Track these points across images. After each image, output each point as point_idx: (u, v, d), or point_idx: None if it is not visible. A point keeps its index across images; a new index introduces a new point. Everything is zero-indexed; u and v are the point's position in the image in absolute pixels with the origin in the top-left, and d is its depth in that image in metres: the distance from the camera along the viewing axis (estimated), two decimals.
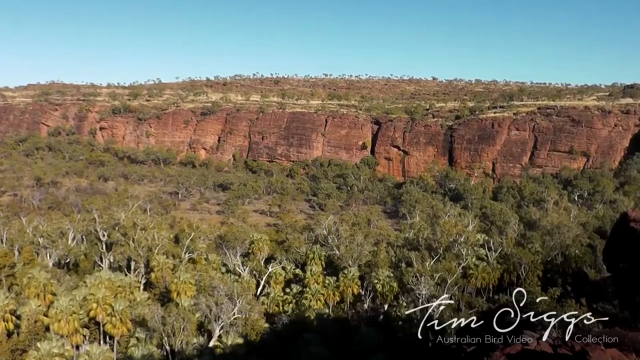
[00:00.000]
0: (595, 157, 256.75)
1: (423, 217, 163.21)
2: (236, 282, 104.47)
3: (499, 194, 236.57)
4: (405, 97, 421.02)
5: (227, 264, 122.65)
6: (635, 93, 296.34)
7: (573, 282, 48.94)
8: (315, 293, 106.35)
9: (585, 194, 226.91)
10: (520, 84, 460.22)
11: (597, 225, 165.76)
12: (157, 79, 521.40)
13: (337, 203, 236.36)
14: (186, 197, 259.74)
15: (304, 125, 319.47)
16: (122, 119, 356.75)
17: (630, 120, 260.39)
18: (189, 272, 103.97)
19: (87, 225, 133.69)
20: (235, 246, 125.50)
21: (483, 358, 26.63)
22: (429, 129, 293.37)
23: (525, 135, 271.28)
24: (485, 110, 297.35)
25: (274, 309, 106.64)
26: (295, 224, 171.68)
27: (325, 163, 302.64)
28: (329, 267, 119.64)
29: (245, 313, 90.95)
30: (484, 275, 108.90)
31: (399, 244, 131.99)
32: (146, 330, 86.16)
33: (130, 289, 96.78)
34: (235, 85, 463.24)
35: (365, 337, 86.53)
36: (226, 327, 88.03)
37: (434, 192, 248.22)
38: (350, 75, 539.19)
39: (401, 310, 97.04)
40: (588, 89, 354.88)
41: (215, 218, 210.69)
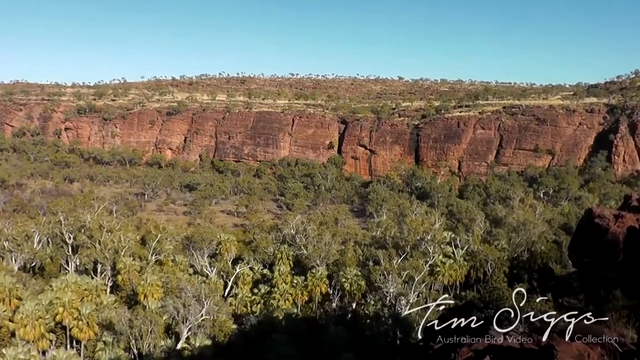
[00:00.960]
0: (560, 155, 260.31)
1: (390, 215, 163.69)
2: (204, 284, 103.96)
3: (465, 192, 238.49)
4: (371, 97, 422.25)
5: (195, 265, 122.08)
6: (599, 92, 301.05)
7: (539, 278, 49.80)
8: (283, 293, 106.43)
9: (551, 191, 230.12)
10: (486, 84, 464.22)
11: (562, 222, 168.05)
12: (122, 78, 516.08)
13: (304, 202, 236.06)
14: (152, 198, 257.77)
15: (270, 125, 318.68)
16: (88, 119, 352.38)
17: (594, 119, 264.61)
18: (156, 274, 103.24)
19: (52, 227, 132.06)
20: (203, 247, 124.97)
21: (450, 355, 26.87)
22: (396, 128, 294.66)
23: (491, 134, 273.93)
24: (451, 110, 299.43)
25: (242, 310, 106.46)
26: (262, 224, 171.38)
27: (292, 162, 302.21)
28: (297, 266, 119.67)
29: (213, 314, 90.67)
30: (451, 272, 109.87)
31: (366, 242, 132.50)
32: (113, 334, 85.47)
33: (96, 292, 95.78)
34: (201, 85, 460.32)
35: (334, 336, 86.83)
36: (194, 329, 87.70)
37: (401, 190, 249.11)
38: (317, 75, 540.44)
39: (369, 309, 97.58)
40: (553, 89, 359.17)
41: (182, 219, 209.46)
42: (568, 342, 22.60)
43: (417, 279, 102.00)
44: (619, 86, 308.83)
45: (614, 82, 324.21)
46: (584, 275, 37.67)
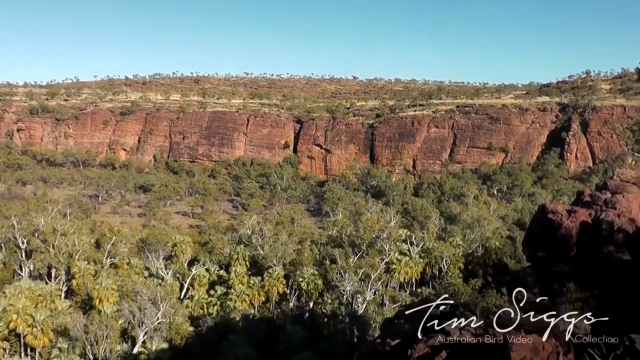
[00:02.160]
0: (513, 152, 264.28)
1: (346, 214, 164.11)
2: (159, 286, 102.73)
3: (420, 190, 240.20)
4: (326, 96, 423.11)
5: (150, 267, 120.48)
6: (552, 92, 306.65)
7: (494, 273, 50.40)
8: (240, 294, 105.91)
9: (505, 188, 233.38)
10: (439, 83, 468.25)
11: (516, 218, 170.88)
12: (75, 77, 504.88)
13: (260, 202, 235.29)
14: (106, 200, 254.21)
15: (225, 125, 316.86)
16: (40, 120, 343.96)
17: (547, 117, 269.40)
18: (111, 278, 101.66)
19: (5, 232, 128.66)
20: (158, 249, 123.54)
21: (407, 351, 26.93)
22: (350, 127, 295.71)
23: (445, 133, 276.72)
24: (405, 109, 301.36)
25: (198, 312, 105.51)
26: (218, 224, 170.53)
27: (247, 162, 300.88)
28: (253, 267, 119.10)
29: (169, 317, 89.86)
30: (407, 269, 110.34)
31: (322, 241, 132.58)
32: (68, 340, 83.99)
33: (51, 297, 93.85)
34: (155, 84, 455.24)
35: (291, 335, 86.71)
36: (150, 333, 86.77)
37: (356, 189, 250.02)
38: (272, 74, 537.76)
39: (326, 307, 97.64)
40: (505, 88, 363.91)
41: (136, 221, 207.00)
42: (523, 335, 22.82)
43: (373, 276, 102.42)
44: (571, 85, 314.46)
45: (565, 81, 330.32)
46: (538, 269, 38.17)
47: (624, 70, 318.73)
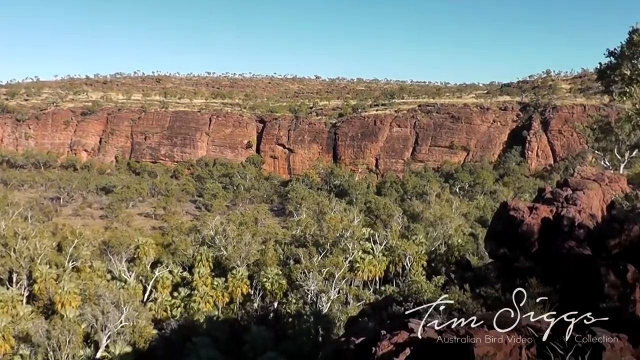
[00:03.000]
0: (475, 151, 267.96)
1: (309, 213, 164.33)
2: (122, 289, 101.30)
3: (383, 189, 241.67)
4: (289, 96, 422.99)
5: (113, 270, 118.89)
6: (512, 91, 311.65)
7: (456, 270, 50.76)
8: (204, 295, 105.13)
9: (467, 186, 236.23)
10: (401, 83, 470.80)
11: (478, 215, 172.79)
12: (35, 76, 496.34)
13: (223, 203, 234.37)
14: (68, 202, 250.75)
15: (187, 125, 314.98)
16: (0, 121, 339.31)
17: (508, 116, 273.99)
18: (73, 282, 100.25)
19: None
20: (120, 252, 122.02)
21: (371, 349, 26.90)
22: (313, 127, 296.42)
23: (407, 132, 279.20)
24: (367, 108, 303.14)
25: (162, 314, 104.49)
26: (181, 225, 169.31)
27: (210, 163, 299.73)
28: (217, 268, 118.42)
29: (133, 320, 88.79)
30: (371, 267, 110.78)
31: (286, 241, 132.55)
32: (30, 346, 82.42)
33: (12, 303, 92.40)
34: (116, 84, 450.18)
35: (256, 336, 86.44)
36: (113, 337, 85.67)
37: (320, 188, 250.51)
38: (234, 74, 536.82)
39: (291, 307, 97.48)
40: (467, 88, 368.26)
41: (98, 223, 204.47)
42: (486, 331, 22.92)
43: (337, 275, 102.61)
44: (532, 85, 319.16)
45: (526, 81, 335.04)
46: (500, 265, 38.42)
47: (583, 70, 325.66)
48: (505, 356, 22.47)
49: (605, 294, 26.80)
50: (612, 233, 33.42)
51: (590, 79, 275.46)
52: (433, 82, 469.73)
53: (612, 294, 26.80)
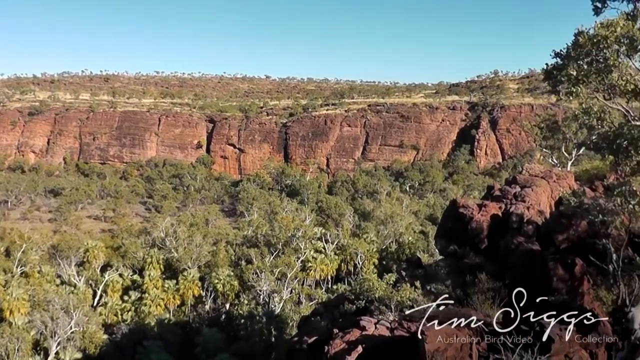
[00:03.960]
0: (424, 150, 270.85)
1: (261, 214, 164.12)
2: (72, 294, 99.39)
3: (334, 188, 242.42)
4: (239, 95, 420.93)
5: (62, 275, 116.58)
6: (461, 91, 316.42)
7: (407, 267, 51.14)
8: (154, 298, 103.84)
9: (416, 185, 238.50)
10: (351, 83, 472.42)
11: (428, 213, 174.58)
12: None
13: (173, 204, 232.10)
14: (16, 205, 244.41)
15: (136, 125, 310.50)
16: None
17: (456, 116, 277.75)
18: (21, 288, 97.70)
19: None
20: (70, 255, 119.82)
21: (324, 347, 26.88)
22: (264, 126, 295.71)
23: (357, 131, 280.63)
24: (318, 108, 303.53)
25: (112, 319, 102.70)
26: (131, 228, 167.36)
27: (160, 163, 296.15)
28: (168, 270, 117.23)
29: (83, 326, 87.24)
30: (323, 267, 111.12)
31: (238, 242, 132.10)
32: None
33: None
34: (64, 83, 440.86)
35: (208, 338, 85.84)
36: (63, 343, 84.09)
37: (271, 188, 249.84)
38: (183, 73, 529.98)
39: (243, 308, 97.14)
40: (416, 87, 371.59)
41: (47, 226, 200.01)
42: (437, 327, 23.02)
43: (289, 275, 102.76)
44: (480, 85, 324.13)
45: (474, 81, 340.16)
46: (451, 262, 38.83)
47: (531, 70, 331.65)
48: (456, 351, 22.60)
49: (554, 288, 27.18)
50: (560, 228, 33.95)
51: (537, 79, 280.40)
52: (382, 82, 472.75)
53: (561, 287, 27.19)
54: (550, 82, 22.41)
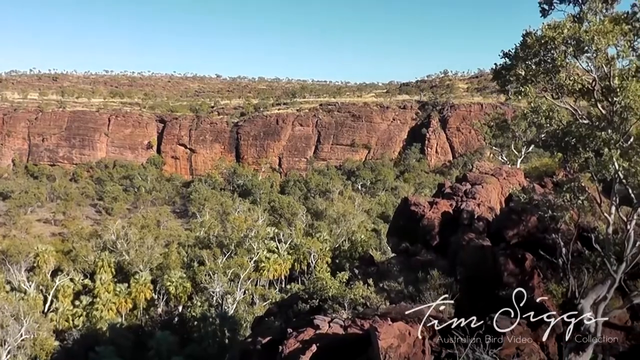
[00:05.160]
0: (376, 148, 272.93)
1: (213, 214, 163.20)
2: (22, 300, 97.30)
3: (286, 187, 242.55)
4: (189, 95, 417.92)
5: (12, 281, 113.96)
6: (411, 90, 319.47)
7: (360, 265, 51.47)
8: (106, 302, 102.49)
9: (368, 183, 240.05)
10: (302, 82, 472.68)
11: (380, 211, 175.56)
12: None
13: (124, 206, 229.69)
14: None
15: (86, 125, 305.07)
16: None
17: (407, 115, 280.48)
18: None
19: None
20: (19, 261, 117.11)
21: (278, 347, 26.89)
22: (215, 126, 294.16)
23: (309, 131, 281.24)
24: (269, 107, 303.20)
25: (63, 325, 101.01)
26: (81, 231, 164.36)
27: (110, 164, 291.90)
28: (119, 273, 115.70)
29: (33, 333, 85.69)
30: (276, 266, 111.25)
31: (190, 243, 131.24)
32: None
33: None
34: (12, 82, 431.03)
35: (160, 341, 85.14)
36: (13, 351, 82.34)
37: (223, 189, 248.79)
38: (133, 72, 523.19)
39: (196, 310, 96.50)
40: (366, 87, 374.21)
41: None
42: (390, 323, 23.20)
43: (242, 276, 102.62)
44: (430, 84, 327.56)
45: (424, 80, 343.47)
46: (403, 259, 39.16)
47: (480, 70, 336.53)
48: (409, 347, 22.80)
49: (504, 282, 27.61)
50: (510, 224, 34.48)
51: (486, 79, 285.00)
52: (334, 81, 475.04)
53: (512, 281, 27.63)
54: (499, 82, 22.77)
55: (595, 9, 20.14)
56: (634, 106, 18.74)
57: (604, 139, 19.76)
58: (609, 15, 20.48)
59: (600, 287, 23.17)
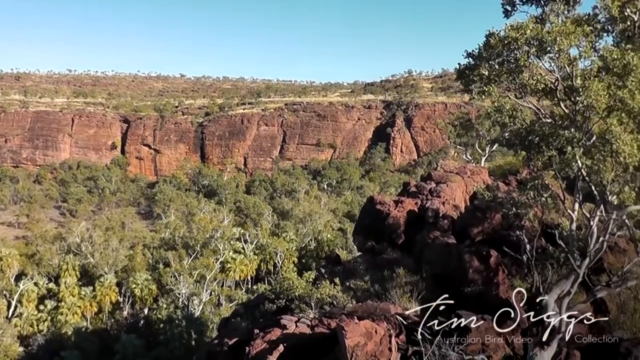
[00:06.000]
0: (341, 148, 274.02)
1: (178, 215, 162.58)
2: None
3: (252, 188, 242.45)
4: (153, 95, 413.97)
5: None
6: (376, 90, 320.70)
7: (326, 264, 51.66)
8: (71, 306, 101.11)
9: (334, 183, 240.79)
10: (267, 82, 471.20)
11: (346, 210, 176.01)
12: None
13: (89, 208, 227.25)
14: None
15: (49, 126, 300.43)
16: None
17: (372, 114, 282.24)
18: None
19: None
20: None
21: (245, 349, 26.87)
22: (180, 126, 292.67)
23: (275, 130, 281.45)
24: (234, 107, 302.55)
25: (28, 330, 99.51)
26: (45, 234, 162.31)
27: (74, 165, 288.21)
28: (84, 277, 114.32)
29: None
30: (242, 267, 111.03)
31: (155, 245, 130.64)
32: None
33: None
34: None
35: (126, 344, 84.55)
36: None
37: (188, 189, 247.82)
38: (96, 71, 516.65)
39: (162, 312, 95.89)
40: (332, 87, 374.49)
41: None
42: (356, 322, 23.34)
43: (208, 277, 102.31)
44: (394, 84, 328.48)
45: (389, 80, 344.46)
46: (369, 258, 39.37)
47: (444, 70, 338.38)
48: (375, 345, 22.95)
49: (470, 279, 27.90)
50: (475, 222, 34.85)
51: (450, 79, 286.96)
52: (299, 81, 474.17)
53: (477, 278, 27.94)
54: (463, 82, 23.00)
55: (557, 10, 20.51)
56: (596, 105, 19.09)
57: (567, 137, 20.09)
58: (570, 16, 20.87)
59: (564, 282, 23.52)
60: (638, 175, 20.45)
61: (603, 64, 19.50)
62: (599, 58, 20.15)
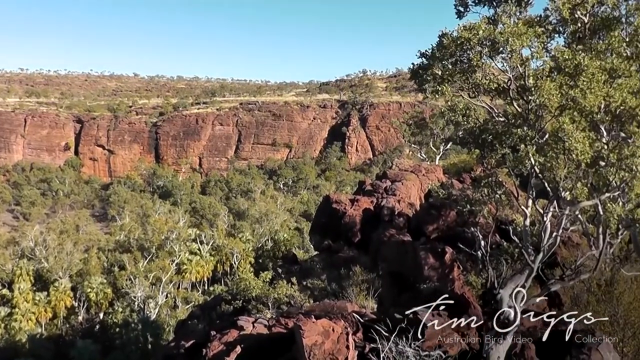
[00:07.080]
0: (297, 147, 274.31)
1: (133, 217, 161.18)
2: None
3: (208, 188, 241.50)
4: (107, 94, 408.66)
5: None
6: (331, 89, 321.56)
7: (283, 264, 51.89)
8: (25, 313, 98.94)
9: (290, 182, 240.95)
10: (222, 81, 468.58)
11: (302, 210, 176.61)
12: None
13: (42, 211, 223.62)
14: None
15: (1, 126, 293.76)
16: None
17: (327, 114, 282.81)
18: None
19: None
20: None
21: (202, 350, 26.80)
22: (134, 126, 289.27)
23: (230, 130, 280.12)
24: (189, 107, 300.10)
25: None
26: None
27: (27, 167, 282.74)
28: (38, 281, 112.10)
29: None
30: (198, 269, 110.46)
31: (110, 247, 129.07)
32: None
33: None
34: None
35: (82, 350, 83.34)
36: None
37: (143, 190, 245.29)
38: (49, 70, 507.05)
39: (117, 316, 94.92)
40: (287, 86, 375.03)
41: None
42: (314, 321, 23.42)
43: (164, 279, 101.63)
44: (349, 84, 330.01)
45: (344, 80, 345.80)
46: (325, 257, 39.60)
47: (398, 70, 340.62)
48: (333, 343, 23.06)
49: (425, 276, 28.15)
50: (430, 219, 35.28)
51: (404, 78, 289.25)
52: (254, 80, 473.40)
53: (432, 275, 28.20)
54: (417, 81, 23.20)
55: (510, 11, 20.83)
56: (548, 104, 19.47)
57: (520, 135, 20.45)
58: (522, 18, 21.23)
59: (519, 276, 23.90)
60: (590, 172, 20.89)
61: (555, 64, 19.89)
62: (551, 58, 20.56)
